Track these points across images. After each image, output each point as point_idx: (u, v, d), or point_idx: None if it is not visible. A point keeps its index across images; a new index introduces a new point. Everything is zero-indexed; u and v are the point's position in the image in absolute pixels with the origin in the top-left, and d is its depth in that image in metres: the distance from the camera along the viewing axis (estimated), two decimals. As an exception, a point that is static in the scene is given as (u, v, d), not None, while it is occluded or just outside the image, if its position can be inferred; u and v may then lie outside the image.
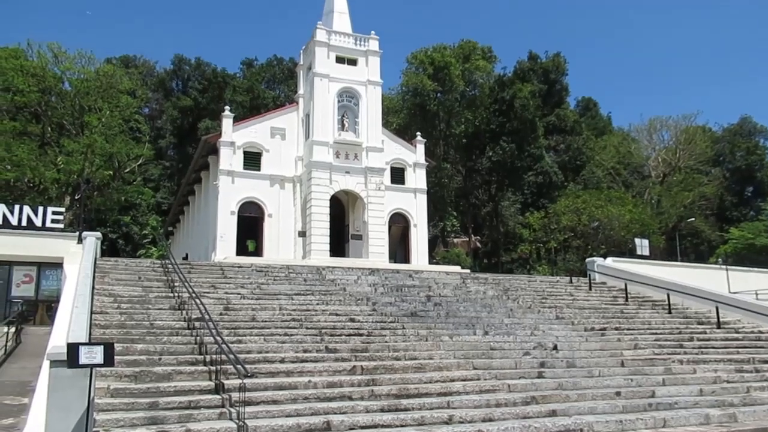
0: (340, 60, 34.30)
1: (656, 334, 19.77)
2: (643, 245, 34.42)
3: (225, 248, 30.46)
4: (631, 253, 35.51)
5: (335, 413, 11.25)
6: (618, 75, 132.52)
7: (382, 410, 11.74)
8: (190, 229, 43.51)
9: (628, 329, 19.90)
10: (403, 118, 53.80)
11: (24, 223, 25.58)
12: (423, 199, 36.19)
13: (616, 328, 19.77)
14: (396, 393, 12.64)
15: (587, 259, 31.07)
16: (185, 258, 34.05)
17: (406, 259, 34.89)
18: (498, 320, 19.35)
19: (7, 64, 43.69)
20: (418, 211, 35.73)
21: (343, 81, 33.78)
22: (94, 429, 9.08)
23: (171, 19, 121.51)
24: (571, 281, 27.51)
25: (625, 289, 25.13)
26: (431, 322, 18.35)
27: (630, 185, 61.78)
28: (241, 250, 30.84)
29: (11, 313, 23.36)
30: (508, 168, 53.82)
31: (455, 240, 56.76)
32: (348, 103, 33.94)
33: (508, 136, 53.13)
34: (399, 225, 35.65)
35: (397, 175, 35.85)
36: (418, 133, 38.80)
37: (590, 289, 26.24)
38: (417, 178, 36.27)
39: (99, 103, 46.11)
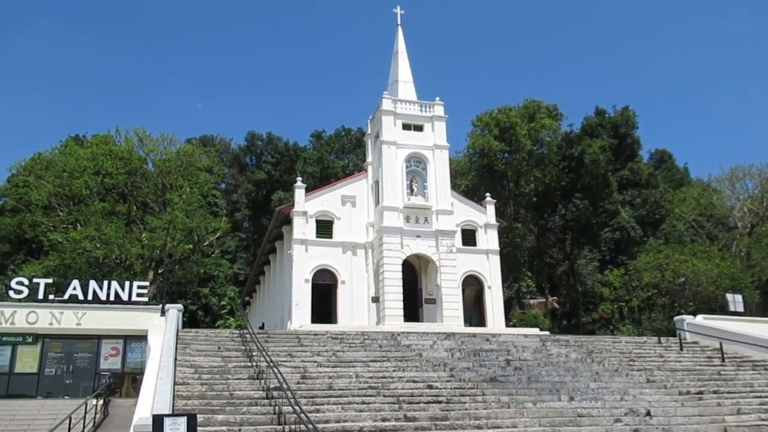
0: (406, 127, 34.98)
1: (761, 397, 18.24)
2: (736, 301, 32.29)
3: (300, 316, 30.70)
4: (722, 309, 33.36)
5: (417, 486, 10.82)
6: (692, 125, 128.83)
7: (467, 482, 11.21)
8: (266, 298, 44.27)
9: (728, 392, 18.46)
10: (471, 179, 53.80)
11: (112, 297, 26.84)
12: (496, 260, 35.58)
13: (715, 392, 18.38)
14: (480, 464, 12.07)
15: (675, 318, 29.39)
16: (262, 327, 34.55)
17: (481, 323, 34.05)
18: (583, 384, 18.40)
19: (98, 149, 47.11)
20: (491, 272, 35.08)
21: (410, 147, 34.32)
22: (178, 502, 9.08)
23: (244, 98, 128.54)
24: (659, 341, 26.00)
25: (721, 348, 23.49)
26: (512, 388, 17.66)
27: (715, 238, 58.64)
28: (317, 318, 30.99)
29: (99, 385, 24.14)
30: (583, 225, 52.42)
31: (531, 301, 55.15)
32: (416, 167, 34.33)
33: (580, 193, 52.02)
34: (472, 287, 35.04)
35: (469, 237, 35.52)
36: (488, 193, 38.60)
37: (681, 349, 24.68)
38: (489, 239, 35.81)
39: (180, 181, 48.64)
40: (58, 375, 26.57)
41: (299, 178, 35.79)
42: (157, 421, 8.41)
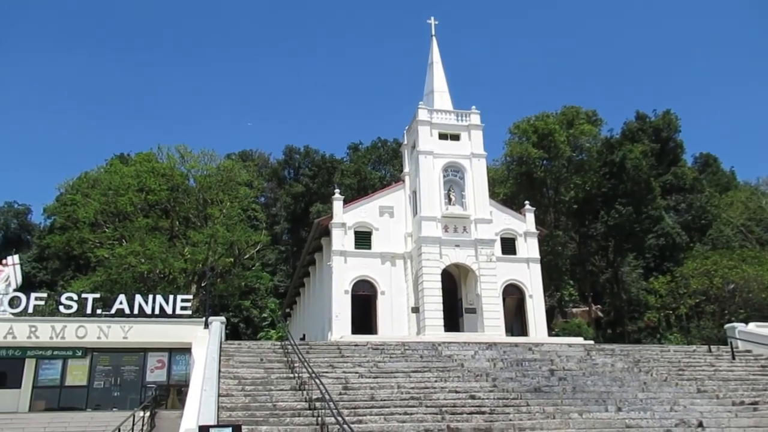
0: (443, 136, 34.93)
1: (820, 407, 17.44)
2: (790, 307, 31.03)
3: (340, 327, 30.79)
4: (775, 317, 32.09)
5: (462, 498, 10.67)
6: (738, 127, 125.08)
7: (513, 495, 11.00)
8: (307, 310, 44.57)
9: (785, 402, 17.73)
10: (510, 187, 53.31)
11: (157, 311, 27.43)
12: (537, 268, 35.09)
13: (771, 402, 17.68)
14: (526, 476, 11.85)
15: (726, 326, 28.43)
16: (302, 338, 34.71)
17: (523, 332, 33.56)
18: (631, 395, 17.92)
19: (142, 167, 48.39)
20: (532, 281, 34.60)
21: (447, 156, 34.23)
22: None
23: (281, 113, 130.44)
24: (709, 350, 25.18)
25: (776, 356, 22.58)
26: (557, 398, 17.32)
27: (765, 243, 56.65)
28: (357, 329, 31.02)
29: (146, 397, 24.62)
30: (626, 232, 51.27)
31: (574, 310, 54.11)
32: (453, 177, 34.21)
33: (622, 199, 50.93)
34: (513, 296, 34.61)
35: (508, 246, 35.13)
36: (527, 201, 38.16)
37: (733, 358, 23.85)
38: (529, 248, 35.35)
39: (220, 196, 49.55)
40: (106, 388, 27.23)
41: (337, 190, 36.04)
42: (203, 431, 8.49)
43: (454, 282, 34.09)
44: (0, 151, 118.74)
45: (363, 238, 33.75)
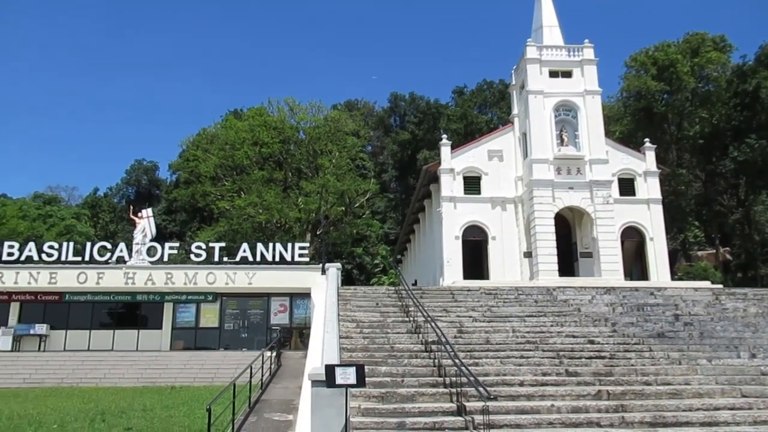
0: (553, 74, 33.36)
1: None
2: None
3: (452, 273, 30.98)
4: None
5: (584, 441, 10.59)
6: None
7: (638, 439, 10.77)
8: (417, 256, 45.19)
9: None
10: (627, 125, 50.33)
11: (277, 258, 28.95)
12: (658, 209, 33.19)
13: None
14: (650, 421, 11.55)
15: None
16: (414, 284, 35.37)
17: (643, 276, 32.15)
18: (767, 341, 16.77)
19: (254, 121, 50.40)
20: (653, 223, 32.83)
21: (558, 95, 32.74)
22: (351, 446, 9.66)
23: (385, 60, 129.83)
24: None
25: None
26: (683, 344, 16.57)
27: None
28: (468, 274, 31.11)
29: (271, 339, 26.33)
30: (760, 167, 47.00)
31: (699, 253, 51.01)
32: (566, 116, 32.74)
33: (755, 132, 46.54)
34: (632, 240, 33.08)
35: (626, 187, 33.41)
36: (646, 139, 35.88)
37: None
38: (649, 188, 33.43)
39: (329, 146, 50.74)
40: (235, 329, 29.42)
41: (444, 136, 35.66)
42: (329, 370, 8.95)
43: (567, 226, 33.08)
44: (129, 112, 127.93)
45: (472, 183, 33.38)
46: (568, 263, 31.73)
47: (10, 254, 28.91)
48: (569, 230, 33.11)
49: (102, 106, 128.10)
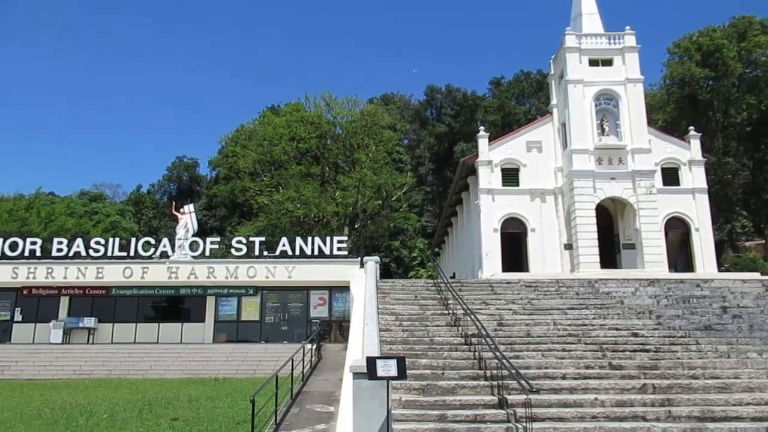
0: (593, 62, 32.71)
1: None
2: None
3: (491, 265, 30.76)
4: None
5: (630, 435, 10.40)
6: None
7: (685, 434, 10.53)
8: (455, 249, 45.01)
9: None
10: (670, 113, 49.02)
11: (316, 252, 29.22)
12: (703, 199, 32.27)
13: None
14: (698, 415, 11.27)
15: None
16: (453, 276, 35.21)
17: (688, 268, 31.34)
18: (822, 334, 16.20)
19: (291, 117, 50.83)
20: (698, 213, 31.95)
21: (598, 84, 32.10)
22: (393, 437, 9.69)
23: (421, 53, 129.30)
24: None
25: None
26: (731, 337, 16.14)
27: None
28: (507, 267, 30.85)
29: (311, 332, 26.61)
30: (811, 155, 45.40)
31: (747, 243, 49.46)
32: (606, 105, 32.08)
33: (807, 118, 44.90)
34: (677, 230, 32.25)
35: (670, 176, 32.57)
36: (691, 127, 34.87)
37: None
38: (694, 177, 32.53)
39: (366, 140, 50.83)
40: (275, 322, 29.81)
41: (481, 128, 35.34)
42: (370, 362, 8.98)
43: (609, 217, 32.49)
44: (169, 109, 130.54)
45: (510, 175, 33.04)
46: (610, 255, 31.18)
47: (59, 250, 29.90)
48: (611, 221, 32.53)
49: (143, 104, 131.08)
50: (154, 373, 23.46)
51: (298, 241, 29.67)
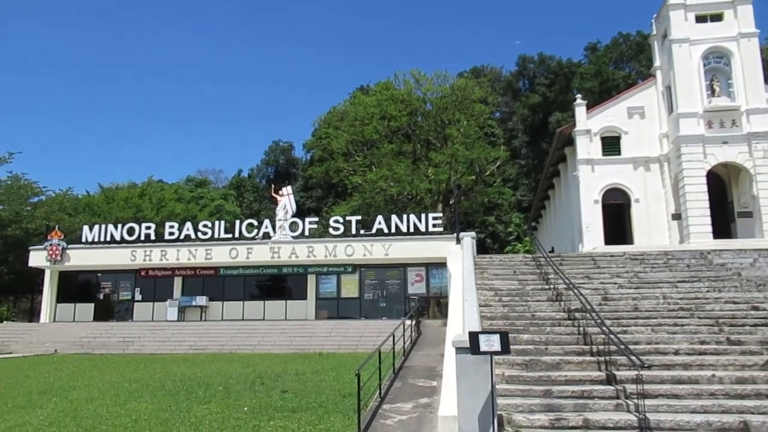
0: (700, 18, 30.47)
1: None
2: None
3: (592, 238, 29.74)
4: None
5: (752, 413, 9.79)
6: None
7: (818, 414, 9.77)
8: (553, 223, 43.82)
9: None
10: (791, 68, 44.94)
11: (411, 229, 29.38)
12: (832, 161, 29.48)
13: None
14: (831, 394, 10.41)
15: None
16: (551, 251, 34.36)
17: (816, 237, 28.86)
18: None
19: (381, 96, 50.99)
20: (825, 176, 29.24)
21: (707, 41, 29.90)
22: (498, 412, 9.65)
23: (511, 21, 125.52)
24: None
25: None
26: None
27: None
28: (609, 239, 29.68)
29: (409, 308, 26.89)
30: None
31: None
32: (716, 64, 29.87)
33: None
34: (801, 196, 29.72)
35: (791, 137, 29.95)
36: (817, 82, 31.85)
37: None
38: (820, 138, 29.74)
39: (456, 116, 50.20)
40: (374, 299, 30.36)
41: (578, 96, 33.97)
42: (473, 337, 8.94)
43: (721, 183, 30.42)
44: (264, 94, 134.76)
45: (611, 144, 31.62)
46: (723, 224, 29.23)
47: (171, 233, 31.88)
48: (723, 188, 30.46)
49: (238, 91, 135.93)
50: (262, 348, 24.59)
51: (394, 218, 29.95)
